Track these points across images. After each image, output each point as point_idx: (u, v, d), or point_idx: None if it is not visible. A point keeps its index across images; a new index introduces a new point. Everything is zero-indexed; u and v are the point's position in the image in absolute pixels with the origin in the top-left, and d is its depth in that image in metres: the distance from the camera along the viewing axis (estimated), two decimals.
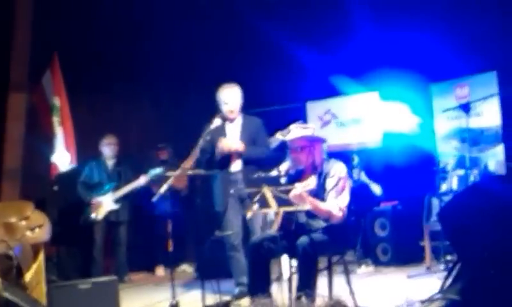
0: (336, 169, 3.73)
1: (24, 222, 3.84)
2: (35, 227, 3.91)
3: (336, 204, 3.65)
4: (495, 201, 2.98)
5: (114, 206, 5.92)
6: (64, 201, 5.84)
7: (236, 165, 4.54)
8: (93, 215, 5.86)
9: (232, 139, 4.53)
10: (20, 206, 4.01)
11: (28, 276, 3.70)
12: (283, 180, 3.68)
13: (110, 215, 5.92)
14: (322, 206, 3.63)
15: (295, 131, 3.84)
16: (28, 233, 3.83)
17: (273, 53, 6.54)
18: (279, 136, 4.10)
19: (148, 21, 6.40)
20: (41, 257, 3.95)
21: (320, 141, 3.86)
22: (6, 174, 5.59)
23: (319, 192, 3.66)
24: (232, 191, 4.48)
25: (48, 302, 3.79)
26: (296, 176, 3.78)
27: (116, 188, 5.95)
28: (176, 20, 6.48)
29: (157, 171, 5.69)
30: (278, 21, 6.26)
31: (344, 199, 3.69)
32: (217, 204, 4.60)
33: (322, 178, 3.71)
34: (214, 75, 6.12)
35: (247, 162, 4.51)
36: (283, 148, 5.34)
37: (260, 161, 4.52)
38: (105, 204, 5.90)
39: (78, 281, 4.10)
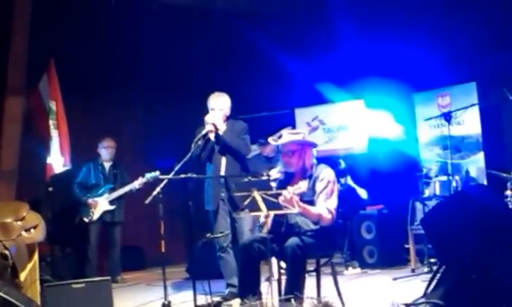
0: (326, 173, 3.81)
1: (19, 223, 3.87)
2: (30, 227, 3.95)
3: (326, 207, 3.72)
4: (477, 209, 3.07)
5: (110, 207, 6.02)
6: (58, 202, 5.87)
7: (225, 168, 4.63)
8: (89, 216, 5.95)
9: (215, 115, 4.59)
10: (16, 207, 4.04)
11: (23, 276, 3.74)
12: (273, 184, 3.79)
13: (105, 215, 6.02)
14: (312, 209, 3.70)
15: (286, 136, 3.94)
16: (24, 234, 3.87)
17: (263, 62, 6.63)
18: (271, 141, 4.20)
19: (142, 29, 6.48)
20: (35, 257, 4.00)
21: (311, 145, 3.94)
22: (3, 176, 5.60)
23: (309, 195, 3.73)
24: (222, 194, 4.59)
25: (42, 302, 3.83)
26: (287, 180, 3.87)
27: (112, 190, 6.06)
28: (169, 30, 6.58)
29: (153, 174, 5.77)
30: (266, 32, 6.36)
31: (333, 202, 3.77)
32: (208, 205, 4.69)
33: (311, 181, 3.79)
34: (205, 83, 6.23)
35: (225, 151, 4.58)
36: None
37: (237, 154, 4.59)
38: (101, 204, 6.00)
39: (72, 281, 4.12)
